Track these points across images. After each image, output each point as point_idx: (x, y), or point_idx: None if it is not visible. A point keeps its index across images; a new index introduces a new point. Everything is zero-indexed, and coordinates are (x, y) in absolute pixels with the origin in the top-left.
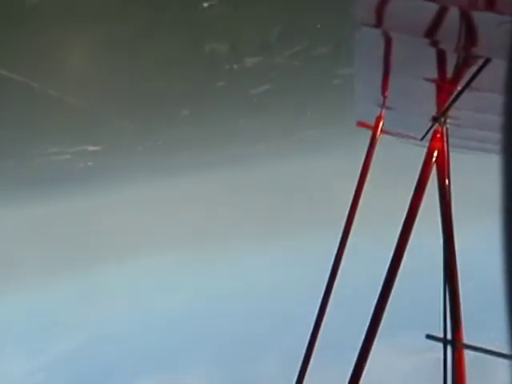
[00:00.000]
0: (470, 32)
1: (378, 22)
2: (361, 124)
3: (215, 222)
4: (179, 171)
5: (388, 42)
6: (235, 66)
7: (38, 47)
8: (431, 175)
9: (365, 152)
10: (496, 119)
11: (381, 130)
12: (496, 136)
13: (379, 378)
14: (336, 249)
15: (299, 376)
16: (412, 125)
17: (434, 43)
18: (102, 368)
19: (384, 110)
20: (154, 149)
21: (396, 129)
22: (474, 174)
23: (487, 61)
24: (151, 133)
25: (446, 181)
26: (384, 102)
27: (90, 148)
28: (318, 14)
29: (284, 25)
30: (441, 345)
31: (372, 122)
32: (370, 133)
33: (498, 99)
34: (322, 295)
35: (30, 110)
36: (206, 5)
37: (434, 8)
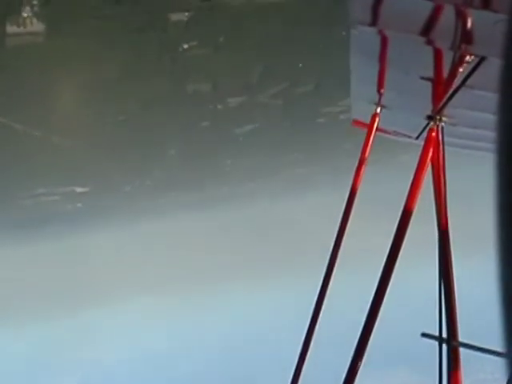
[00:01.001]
0: (465, 30)
1: (374, 21)
2: (356, 122)
3: (204, 262)
4: (167, 211)
5: (384, 41)
6: (219, 106)
7: (22, 89)
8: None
9: None
10: (492, 118)
11: (376, 129)
12: (492, 135)
13: None
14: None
15: None
16: (407, 123)
17: (430, 42)
18: None
19: (379, 109)
20: (143, 189)
21: (391, 127)
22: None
23: (482, 59)
24: (139, 173)
25: (442, 179)
26: (379, 100)
27: (78, 189)
28: (299, 53)
29: (265, 65)
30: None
31: (367, 121)
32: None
33: (493, 98)
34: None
35: (14, 151)
36: (186, 46)
37: (429, 6)
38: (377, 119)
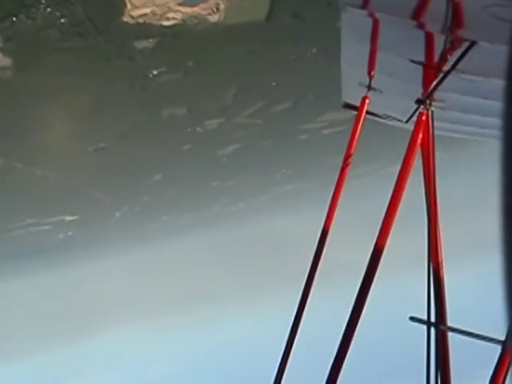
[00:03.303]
0: (456, 15)
1: (365, 3)
2: (346, 105)
3: (201, 284)
4: (160, 235)
5: (374, 24)
6: (198, 129)
7: None
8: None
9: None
10: (482, 102)
11: (366, 112)
12: (481, 119)
13: None
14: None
15: None
16: (398, 106)
17: (421, 25)
18: None
19: (370, 91)
20: (133, 215)
21: (381, 110)
22: None
23: (473, 43)
24: (127, 199)
25: (431, 163)
26: (370, 82)
27: (67, 218)
28: (271, 72)
29: (238, 86)
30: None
31: (358, 103)
32: None
33: (483, 82)
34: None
35: None
36: (155, 72)
37: None
38: (367, 101)
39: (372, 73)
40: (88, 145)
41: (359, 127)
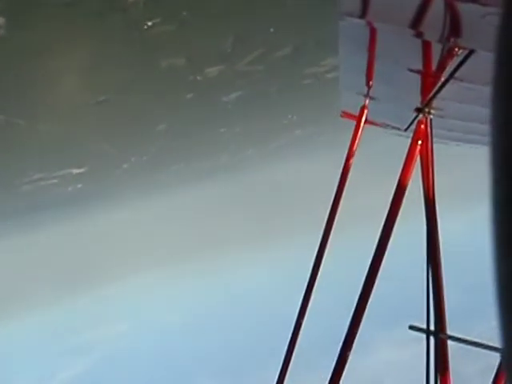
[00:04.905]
0: (454, 23)
1: (363, 13)
2: (345, 114)
3: (214, 232)
4: (170, 185)
5: (372, 33)
6: (198, 77)
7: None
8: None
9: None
10: (480, 110)
11: (365, 121)
12: (480, 127)
13: None
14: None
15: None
16: (396, 115)
17: (419, 34)
18: None
19: (368, 101)
20: (141, 165)
21: (380, 119)
22: None
23: (471, 52)
24: (133, 150)
25: (430, 171)
26: (368, 92)
27: (75, 171)
28: (268, 18)
29: (235, 34)
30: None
31: (356, 113)
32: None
33: (482, 90)
34: (301, 298)
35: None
36: (149, 24)
37: None
38: (365, 111)
39: (370, 82)
40: (88, 98)
41: (358, 137)
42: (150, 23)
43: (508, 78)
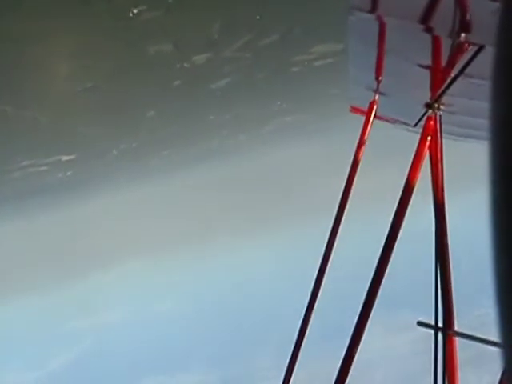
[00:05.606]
0: (464, 19)
1: (373, 7)
2: (354, 109)
3: (206, 218)
4: (161, 171)
5: (382, 28)
6: (186, 65)
7: None
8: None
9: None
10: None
11: (374, 116)
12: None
13: None
14: (327, 237)
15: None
16: (405, 111)
17: (428, 29)
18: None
19: (377, 96)
20: (130, 151)
21: (389, 114)
22: None
23: (481, 48)
24: (122, 136)
25: (439, 167)
26: (377, 87)
27: (64, 158)
28: (256, 5)
29: (221, 21)
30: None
31: (365, 108)
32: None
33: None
34: (312, 286)
35: None
36: (135, 11)
37: None
38: (375, 106)
39: (380, 77)
40: (77, 85)
41: (367, 132)
42: (135, 10)
43: (508, 76)
